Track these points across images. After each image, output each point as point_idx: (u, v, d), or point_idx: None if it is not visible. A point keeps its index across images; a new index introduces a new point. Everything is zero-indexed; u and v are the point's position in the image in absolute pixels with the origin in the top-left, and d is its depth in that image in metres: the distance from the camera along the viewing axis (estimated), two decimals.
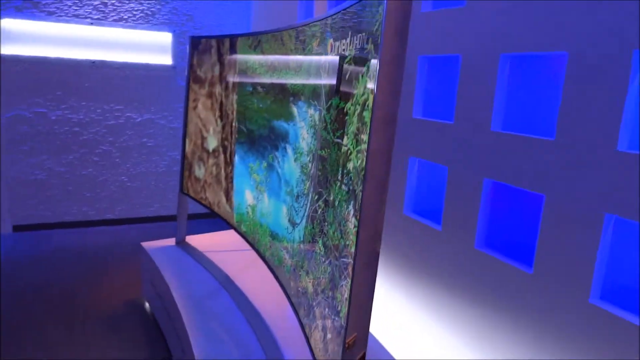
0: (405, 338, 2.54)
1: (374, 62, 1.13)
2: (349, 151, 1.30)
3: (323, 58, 1.62)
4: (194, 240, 3.21)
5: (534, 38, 1.78)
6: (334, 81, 1.50)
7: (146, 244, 3.08)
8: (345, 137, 1.34)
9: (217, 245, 3.16)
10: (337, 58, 1.48)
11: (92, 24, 4.18)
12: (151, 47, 4.46)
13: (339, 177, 1.37)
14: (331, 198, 1.44)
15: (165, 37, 4.49)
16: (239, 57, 2.47)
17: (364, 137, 1.18)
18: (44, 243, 4.08)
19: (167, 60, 4.52)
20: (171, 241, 3.15)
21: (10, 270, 3.52)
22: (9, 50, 3.98)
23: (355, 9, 1.33)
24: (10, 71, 4.00)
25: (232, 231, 2.88)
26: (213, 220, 4.69)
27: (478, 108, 2.04)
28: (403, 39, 1.04)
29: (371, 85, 1.17)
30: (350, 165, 1.29)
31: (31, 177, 4.24)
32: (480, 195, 2.04)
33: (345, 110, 1.37)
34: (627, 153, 1.46)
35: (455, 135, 2.16)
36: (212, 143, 2.79)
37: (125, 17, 4.29)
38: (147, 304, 3.09)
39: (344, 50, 1.42)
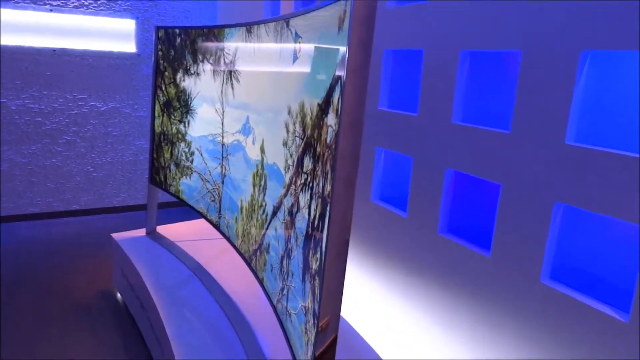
0: (372, 317, 2.67)
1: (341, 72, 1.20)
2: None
3: (294, 57, 1.68)
4: (165, 230, 3.23)
5: (490, 36, 1.88)
6: (302, 81, 1.56)
7: (116, 235, 3.09)
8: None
9: (188, 234, 3.19)
10: (309, 58, 1.54)
11: (51, 10, 4.06)
12: (114, 34, 4.37)
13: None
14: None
15: (128, 24, 4.41)
16: (207, 47, 2.49)
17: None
18: (7, 236, 4.00)
19: (131, 47, 4.45)
20: (141, 232, 3.16)
21: None
22: None
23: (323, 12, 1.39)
24: None
25: (202, 220, 2.92)
26: (183, 209, 4.69)
27: (440, 101, 2.14)
28: (367, 51, 1.11)
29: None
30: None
31: None
32: (442, 184, 2.15)
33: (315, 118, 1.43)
34: (574, 146, 1.59)
35: (419, 126, 2.26)
36: (183, 133, 2.80)
37: (87, 3, 4.19)
38: (119, 295, 3.11)
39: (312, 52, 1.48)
